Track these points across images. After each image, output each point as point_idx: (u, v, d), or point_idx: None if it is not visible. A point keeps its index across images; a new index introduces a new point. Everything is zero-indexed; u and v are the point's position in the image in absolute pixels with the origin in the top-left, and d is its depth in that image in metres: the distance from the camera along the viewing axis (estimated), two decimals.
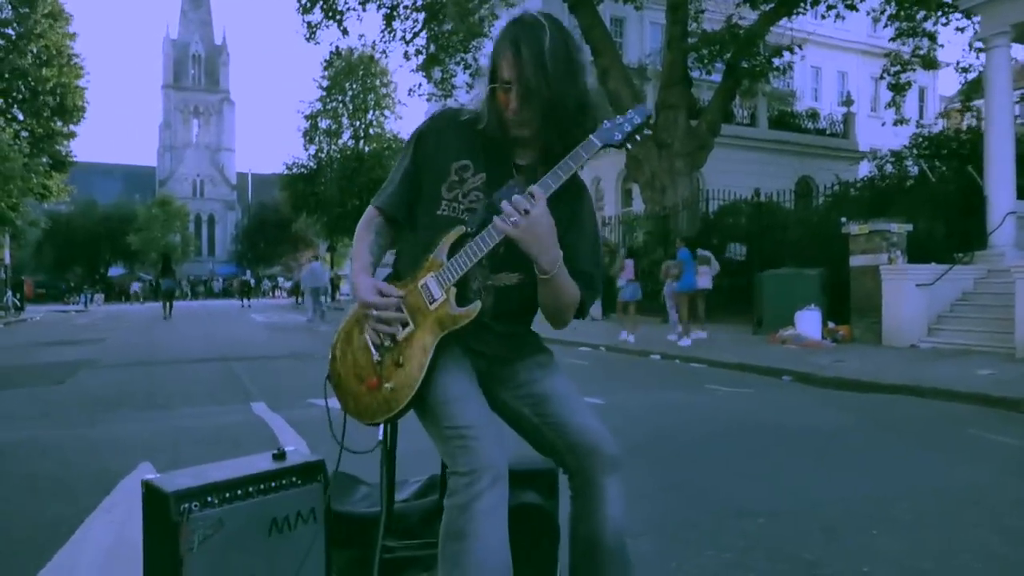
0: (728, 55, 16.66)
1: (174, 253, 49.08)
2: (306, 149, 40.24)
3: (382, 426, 1.80)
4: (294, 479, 1.91)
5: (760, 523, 3.07)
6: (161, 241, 54.85)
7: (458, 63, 20.41)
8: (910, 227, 11.22)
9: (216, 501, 1.78)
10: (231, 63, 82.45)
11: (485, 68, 1.77)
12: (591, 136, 1.70)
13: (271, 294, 57.94)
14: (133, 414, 6.23)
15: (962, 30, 19.33)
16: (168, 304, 24.06)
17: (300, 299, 39.20)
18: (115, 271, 61.57)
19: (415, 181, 1.83)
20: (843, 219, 11.90)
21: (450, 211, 1.77)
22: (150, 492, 1.82)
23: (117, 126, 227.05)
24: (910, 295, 10.63)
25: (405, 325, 1.71)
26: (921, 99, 34.33)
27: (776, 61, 17.01)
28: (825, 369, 8.25)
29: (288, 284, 50.45)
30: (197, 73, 78.25)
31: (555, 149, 1.72)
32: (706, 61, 16.93)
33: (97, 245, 57.25)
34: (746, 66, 16.68)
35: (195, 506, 1.74)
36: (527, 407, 1.79)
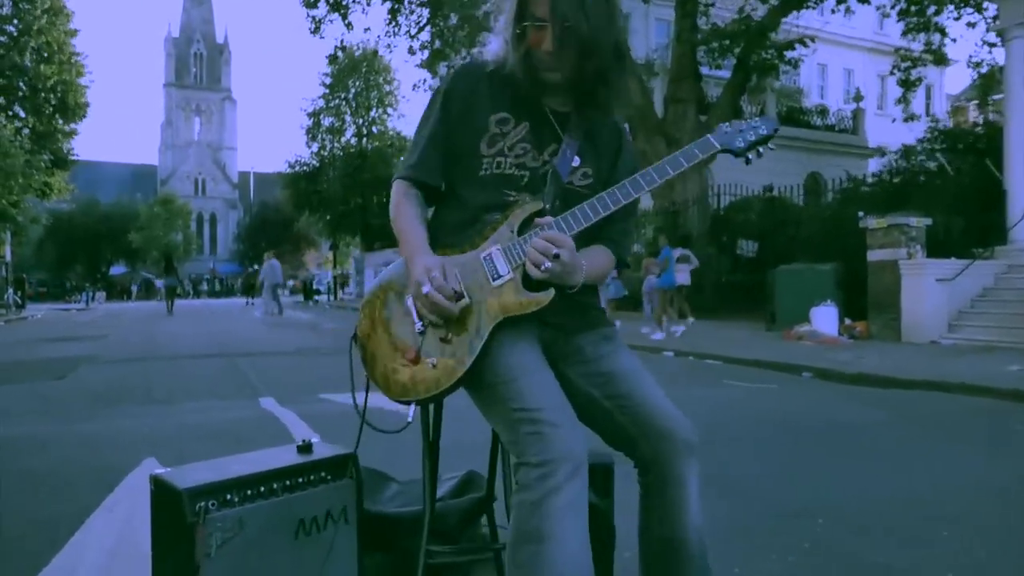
0: (738, 49, 16.44)
1: (175, 252, 48.88)
2: (309, 147, 40.09)
3: (413, 405, 1.56)
4: (323, 474, 1.68)
5: (820, 523, 2.84)
6: (163, 240, 54.60)
7: (464, 59, 20.18)
8: (929, 221, 10.96)
9: (236, 499, 1.54)
10: (233, 61, 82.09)
11: (505, 4, 1.55)
12: (709, 137, 1.57)
13: None
14: (135, 409, 6.01)
15: (973, 25, 19.05)
16: (170, 300, 25.39)
17: (306, 298, 39.11)
18: (116, 270, 61.38)
19: (446, 143, 1.63)
20: (860, 213, 11.66)
21: (495, 168, 1.58)
22: (160, 489, 1.58)
23: (119, 124, 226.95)
24: (930, 290, 10.38)
25: (460, 298, 1.48)
26: (928, 97, 34.10)
27: (787, 54, 16.79)
28: (846, 365, 8.01)
29: (291, 283, 50.37)
30: (199, 71, 78.01)
31: (593, 95, 1.57)
32: (716, 55, 16.72)
33: (98, 243, 56.96)
34: (756, 60, 16.46)
35: (212, 504, 1.51)
36: (596, 388, 1.56)
